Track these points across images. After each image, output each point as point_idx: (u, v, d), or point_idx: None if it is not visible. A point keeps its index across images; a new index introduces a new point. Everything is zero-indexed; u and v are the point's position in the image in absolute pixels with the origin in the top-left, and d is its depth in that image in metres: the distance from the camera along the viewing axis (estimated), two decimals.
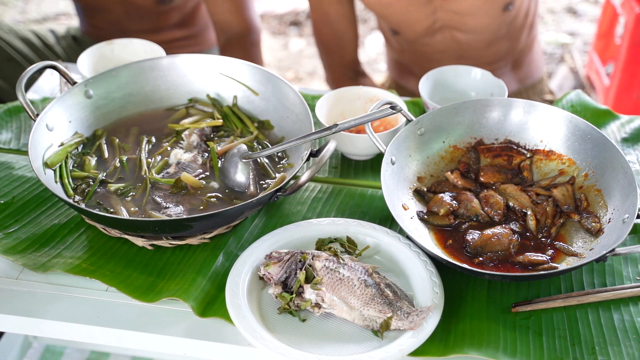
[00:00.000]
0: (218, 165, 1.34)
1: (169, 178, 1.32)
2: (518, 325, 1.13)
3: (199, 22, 2.29)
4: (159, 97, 1.49)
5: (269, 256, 1.17)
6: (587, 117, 1.59)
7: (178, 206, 1.26)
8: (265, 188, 1.31)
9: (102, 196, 1.29)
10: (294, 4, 4.18)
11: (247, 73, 1.47)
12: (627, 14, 2.80)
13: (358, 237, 1.25)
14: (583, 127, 1.34)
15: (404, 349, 1.05)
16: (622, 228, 1.17)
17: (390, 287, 1.13)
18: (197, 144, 1.39)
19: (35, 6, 4.18)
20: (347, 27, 2.02)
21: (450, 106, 1.39)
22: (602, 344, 1.11)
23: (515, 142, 1.40)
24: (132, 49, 1.69)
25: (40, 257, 1.24)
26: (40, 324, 1.15)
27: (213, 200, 1.28)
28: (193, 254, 1.25)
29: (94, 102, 1.42)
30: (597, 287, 1.21)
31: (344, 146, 1.46)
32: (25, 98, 1.29)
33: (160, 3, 2.15)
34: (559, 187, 1.31)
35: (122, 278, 1.20)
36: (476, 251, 1.22)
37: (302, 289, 1.12)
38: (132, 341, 1.15)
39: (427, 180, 1.37)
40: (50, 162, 1.30)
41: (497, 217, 1.28)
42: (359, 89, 1.54)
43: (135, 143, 1.41)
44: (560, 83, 3.37)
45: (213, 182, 1.32)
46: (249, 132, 1.43)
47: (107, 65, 1.66)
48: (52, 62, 1.35)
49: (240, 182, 1.30)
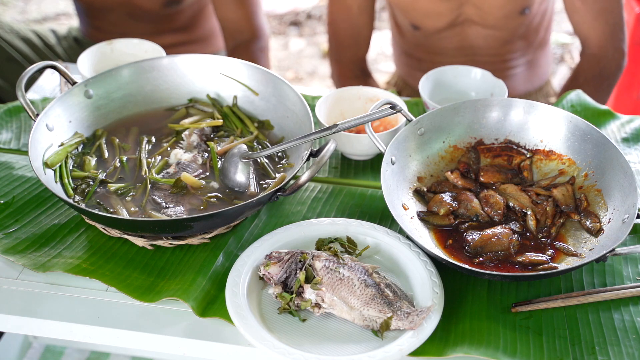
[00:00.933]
0: (218, 166, 1.34)
1: (169, 178, 1.32)
2: (518, 325, 1.13)
3: (204, 26, 2.28)
4: (159, 97, 1.49)
5: (269, 256, 1.17)
6: (587, 117, 1.59)
7: (178, 206, 1.26)
8: (265, 188, 1.32)
9: (102, 196, 1.29)
10: (294, 4, 4.18)
11: (247, 73, 1.47)
12: (627, 14, 2.80)
13: (358, 237, 1.25)
14: (583, 127, 1.34)
15: (404, 349, 1.05)
16: (622, 228, 1.17)
17: (390, 287, 1.13)
18: (197, 144, 1.39)
19: (35, 6, 4.19)
20: (366, 24, 2.01)
21: (450, 106, 1.39)
22: (602, 344, 1.11)
23: (515, 142, 1.40)
24: (132, 48, 1.69)
25: (40, 257, 1.24)
26: (40, 324, 1.15)
27: (213, 200, 1.28)
28: (193, 254, 1.25)
29: (94, 102, 1.42)
30: (597, 287, 1.21)
31: (343, 146, 1.46)
32: (25, 98, 1.29)
33: (167, 6, 2.15)
34: (559, 187, 1.31)
35: (122, 278, 1.20)
36: (476, 251, 1.22)
37: (302, 289, 1.13)
38: (132, 341, 1.15)
39: (427, 180, 1.37)
40: (51, 162, 1.30)
41: (497, 217, 1.28)
42: (359, 89, 1.54)
43: (135, 143, 1.41)
44: (560, 83, 3.37)
45: (213, 182, 1.32)
46: (249, 132, 1.43)
47: (107, 65, 1.66)
48: (52, 62, 1.35)
49: (240, 182, 1.30)
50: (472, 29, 1.91)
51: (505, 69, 2.00)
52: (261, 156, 1.33)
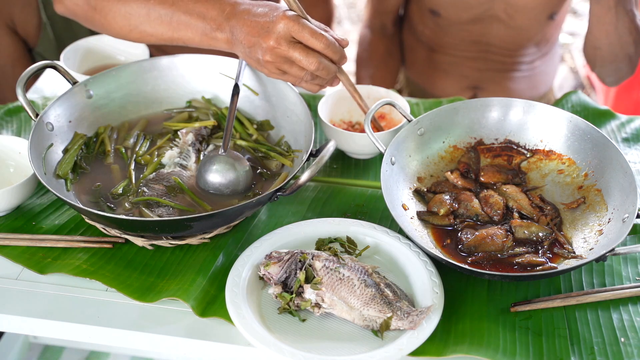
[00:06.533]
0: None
1: (164, 178, 1.32)
2: (518, 325, 1.14)
3: None
4: (159, 97, 1.49)
5: (269, 256, 1.17)
6: (587, 117, 1.59)
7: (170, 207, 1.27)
8: (254, 189, 1.31)
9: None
10: None
11: (247, 73, 1.47)
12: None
13: (358, 237, 1.25)
14: (583, 127, 1.34)
15: (404, 349, 1.05)
16: (622, 228, 1.17)
17: (390, 287, 1.13)
18: (191, 142, 1.39)
19: None
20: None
21: (450, 106, 1.39)
22: (601, 344, 1.11)
23: (515, 142, 1.40)
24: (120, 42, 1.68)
25: (40, 257, 1.24)
26: (40, 324, 1.15)
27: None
28: (193, 254, 1.25)
29: (94, 102, 1.42)
30: (596, 287, 1.21)
31: (345, 145, 1.46)
32: (25, 98, 1.29)
33: None
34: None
35: (122, 279, 1.20)
36: (469, 250, 1.22)
37: (302, 289, 1.13)
38: (132, 341, 1.15)
39: (427, 180, 1.37)
40: (62, 172, 1.30)
41: (497, 217, 1.28)
42: (361, 87, 1.54)
43: (134, 143, 1.41)
44: (560, 83, 3.37)
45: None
46: (247, 134, 1.43)
47: (93, 60, 1.67)
48: (52, 62, 1.35)
49: (215, 183, 1.30)
50: (495, 26, 1.88)
51: (512, 71, 1.99)
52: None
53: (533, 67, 2.01)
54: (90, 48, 1.68)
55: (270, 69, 1.24)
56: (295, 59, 1.21)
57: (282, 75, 1.25)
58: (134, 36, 1.36)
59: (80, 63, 1.67)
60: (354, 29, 3.81)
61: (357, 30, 3.64)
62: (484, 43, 1.93)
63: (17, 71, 1.90)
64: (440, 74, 2.03)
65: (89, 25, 1.42)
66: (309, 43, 1.20)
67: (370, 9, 2.06)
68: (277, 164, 1.37)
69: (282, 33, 1.19)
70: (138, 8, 1.32)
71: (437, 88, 2.05)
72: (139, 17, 1.32)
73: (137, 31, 1.34)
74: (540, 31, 1.91)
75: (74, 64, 1.65)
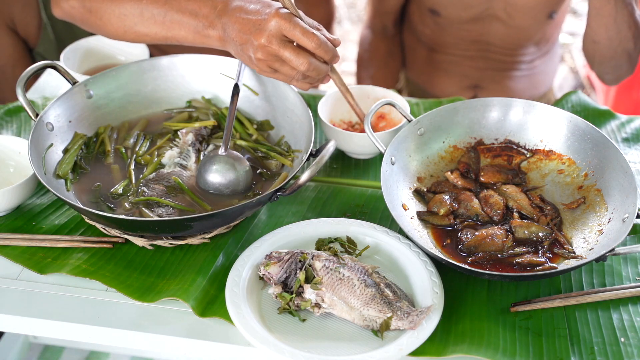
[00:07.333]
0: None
1: (164, 178, 1.32)
2: (517, 325, 1.14)
3: None
4: (159, 97, 1.49)
5: (269, 256, 1.17)
6: (587, 117, 1.59)
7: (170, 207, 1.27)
8: (254, 189, 1.31)
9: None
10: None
11: (247, 73, 1.47)
12: None
13: (358, 237, 1.25)
14: (583, 127, 1.34)
15: (404, 349, 1.05)
16: (622, 228, 1.17)
17: (390, 287, 1.13)
18: (191, 142, 1.39)
19: None
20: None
21: (450, 106, 1.39)
22: (601, 344, 1.11)
23: (515, 142, 1.40)
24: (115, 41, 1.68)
25: (40, 257, 1.24)
26: (40, 324, 1.15)
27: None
28: (193, 254, 1.25)
29: (94, 102, 1.42)
30: (596, 287, 1.21)
31: (345, 145, 1.46)
32: (25, 98, 1.29)
33: None
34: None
35: (122, 279, 1.20)
36: (469, 250, 1.22)
37: (302, 289, 1.13)
38: (132, 341, 1.15)
39: (427, 180, 1.37)
40: (62, 172, 1.30)
41: (497, 217, 1.28)
42: (362, 87, 1.54)
43: (134, 143, 1.41)
44: (560, 83, 3.37)
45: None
46: (247, 134, 1.43)
47: (93, 60, 1.67)
48: (52, 62, 1.35)
49: (215, 183, 1.30)
50: (494, 25, 1.88)
51: (512, 70, 1.99)
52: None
53: (533, 67, 2.01)
54: (90, 48, 1.69)
55: (261, 66, 1.23)
56: (285, 59, 1.20)
57: (273, 74, 1.25)
58: (129, 37, 1.36)
59: (80, 63, 1.67)
60: (354, 29, 3.81)
61: (357, 30, 3.64)
62: (484, 42, 1.93)
63: (17, 71, 1.90)
64: (440, 74, 2.03)
65: (86, 28, 1.42)
66: (300, 42, 1.19)
67: (371, 9, 2.06)
68: (277, 164, 1.37)
69: (274, 31, 1.18)
70: (132, 8, 1.32)
71: (437, 88, 2.05)
72: (132, 17, 1.32)
73: (131, 32, 1.35)
74: (539, 30, 1.91)
75: (74, 64, 1.65)
